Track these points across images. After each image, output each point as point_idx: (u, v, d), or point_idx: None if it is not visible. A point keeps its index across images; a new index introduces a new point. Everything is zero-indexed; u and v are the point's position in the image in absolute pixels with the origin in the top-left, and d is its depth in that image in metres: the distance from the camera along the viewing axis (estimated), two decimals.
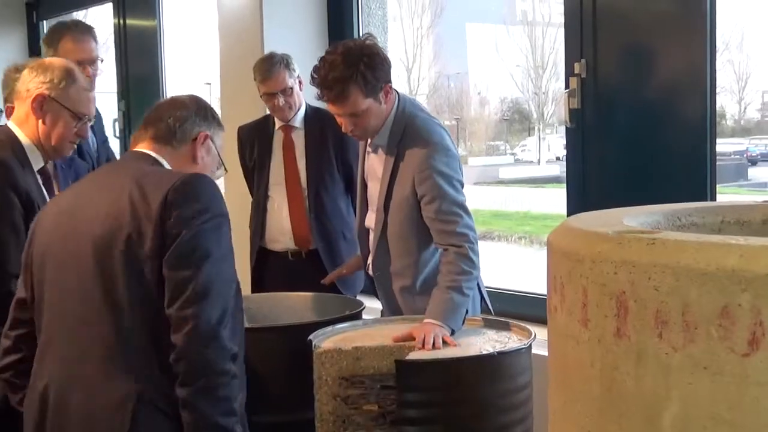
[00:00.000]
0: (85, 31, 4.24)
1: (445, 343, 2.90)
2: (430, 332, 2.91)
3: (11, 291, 2.54)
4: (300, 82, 4.20)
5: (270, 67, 4.15)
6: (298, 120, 4.25)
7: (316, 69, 3.17)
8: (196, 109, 2.52)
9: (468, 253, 3.08)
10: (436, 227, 3.15)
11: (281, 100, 4.14)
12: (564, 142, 4.29)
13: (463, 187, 3.21)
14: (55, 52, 4.03)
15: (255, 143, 4.36)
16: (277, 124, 4.28)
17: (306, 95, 4.20)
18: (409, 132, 3.22)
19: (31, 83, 2.86)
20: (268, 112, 4.52)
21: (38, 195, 2.84)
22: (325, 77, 3.10)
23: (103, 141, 4.38)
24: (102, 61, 4.39)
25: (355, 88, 3.08)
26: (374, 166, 3.40)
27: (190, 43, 7.24)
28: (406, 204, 3.22)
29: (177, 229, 2.19)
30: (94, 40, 4.24)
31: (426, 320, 2.99)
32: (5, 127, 2.91)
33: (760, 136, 9.95)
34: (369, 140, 3.35)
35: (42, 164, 2.93)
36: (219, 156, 2.60)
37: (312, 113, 4.28)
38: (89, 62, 4.02)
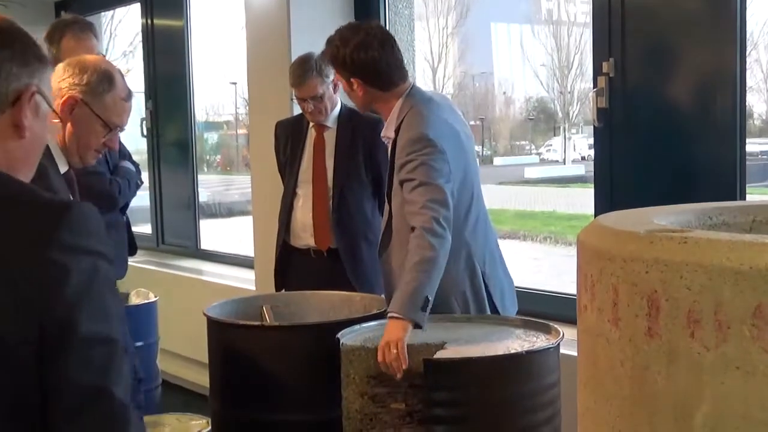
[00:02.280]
0: (86, 28, 4.23)
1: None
2: (388, 342, 2.83)
3: None
4: (335, 85, 4.21)
5: (302, 73, 4.15)
6: (332, 120, 4.27)
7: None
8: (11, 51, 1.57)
9: (424, 235, 2.99)
10: (406, 210, 3.13)
11: (311, 105, 4.17)
12: (589, 141, 4.29)
13: (444, 173, 3.12)
14: (57, 49, 4.02)
15: (289, 139, 4.39)
16: (311, 122, 4.31)
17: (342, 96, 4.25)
18: (404, 122, 3.26)
19: (64, 82, 2.64)
20: (294, 111, 4.55)
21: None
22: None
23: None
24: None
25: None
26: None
27: (215, 43, 7.26)
28: (399, 191, 3.23)
29: None
30: (95, 37, 4.24)
31: (389, 313, 2.95)
32: None
33: None
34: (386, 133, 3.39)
35: (66, 168, 2.74)
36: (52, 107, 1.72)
37: (346, 114, 4.30)
38: None
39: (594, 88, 3.80)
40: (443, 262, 3.02)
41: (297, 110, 4.81)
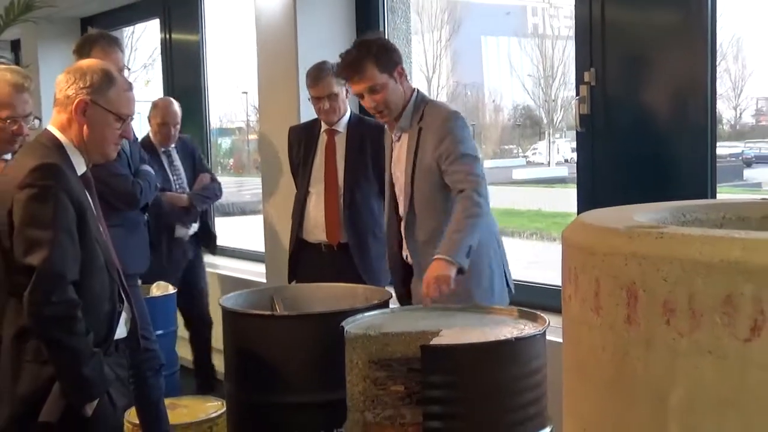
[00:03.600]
0: (112, 42, 4.23)
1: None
2: (433, 280, 3.03)
3: (73, 298, 2.46)
4: (347, 91, 4.24)
5: (319, 73, 4.23)
6: (342, 125, 4.30)
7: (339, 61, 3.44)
8: None
9: (473, 196, 3.17)
10: (450, 177, 3.25)
11: (326, 104, 4.21)
12: (571, 145, 4.30)
13: (477, 151, 3.34)
14: None
15: (302, 143, 4.42)
16: (323, 127, 4.32)
17: (351, 104, 4.29)
18: (428, 109, 3.39)
19: (70, 89, 2.64)
20: (307, 117, 4.57)
21: (85, 201, 2.65)
22: (344, 61, 3.38)
23: (135, 140, 4.41)
24: (129, 69, 4.44)
25: (370, 63, 3.31)
26: (400, 155, 3.47)
27: (228, 56, 7.26)
28: (430, 171, 3.33)
29: None
30: (120, 50, 4.25)
31: (436, 256, 3.09)
32: (48, 133, 2.68)
33: (755, 140, 9.94)
34: (394, 133, 3.47)
35: (84, 169, 2.71)
36: None
37: (355, 121, 4.34)
38: (117, 71, 4.06)
39: (577, 96, 3.81)
40: (484, 222, 3.22)
41: (303, 117, 4.82)
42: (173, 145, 5.38)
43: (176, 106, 5.38)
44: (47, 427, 2.47)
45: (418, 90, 3.47)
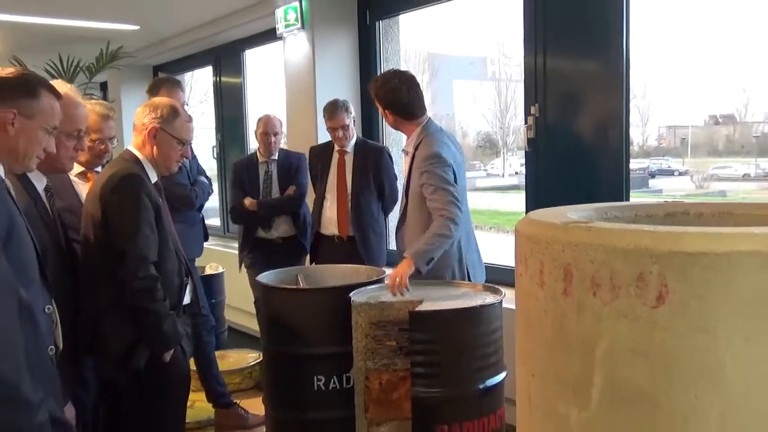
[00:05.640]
0: (175, 84, 4.21)
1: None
2: (397, 273, 2.96)
3: (154, 274, 2.48)
4: (354, 120, 4.25)
5: (335, 110, 4.20)
6: (350, 147, 4.28)
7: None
8: None
9: (446, 222, 3.03)
10: (430, 204, 3.12)
11: (340, 133, 4.20)
12: (520, 161, 4.29)
13: (452, 181, 3.12)
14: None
15: (319, 160, 4.39)
16: (336, 148, 4.31)
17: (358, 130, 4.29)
18: (423, 141, 3.24)
19: (146, 118, 2.67)
20: (323, 140, 4.55)
21: (159, 201, 2.65)
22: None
23: (194, 157, 4.36)
24: (188, 104, 4.36)
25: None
26: (405, 169, 3.40)
27: (264, 93, 7.26)
28: (416, 193, 3.21)
29: None
30: (182, 90, 4.23)
31: (405, 255, 3.03)
32: (128, 152, 2.71)
33: (656, 158, 10.03)
34: (406, 148, 3.36)
35: (156, 179, 2.72)
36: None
37: (360, 144, 4.32)
38: (180, 106, 4.02)
39: (525, 124, 3.80)
40: (450, 243, 3.08)
41: (321, 140, 4.82)
42: (274, 157, 4.63)
43: (277, 119, 4.68)
44: (137, 371, 2.49)
45: (429, 119, 3.33)
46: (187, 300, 2.74)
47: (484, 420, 2.64)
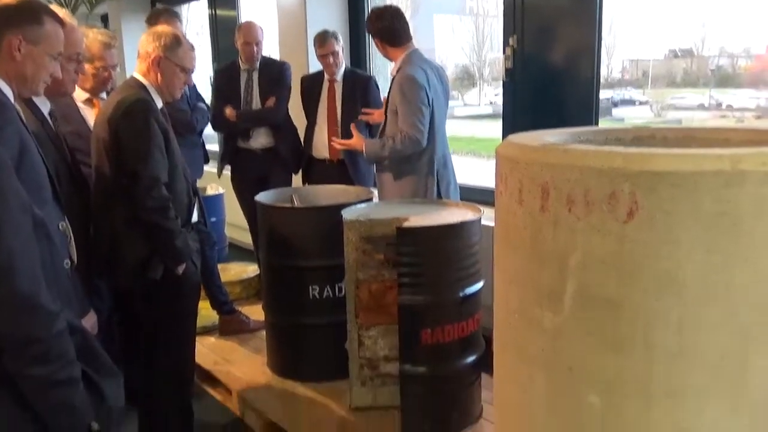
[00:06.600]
0: (173, 15, 4.09)
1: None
2: (347, 142, 3.54)
3: (165, 194, 2.47)
4: (342, 49, 4.16)
5: (325, 38, 4.10)
6: (339, 75, 4.19)
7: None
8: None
9: (405, 140, 3.26)
10: (400, 119, 3.27)
11: (330, 59, 4.10)
12: (497, 92, 4.25)
13: (421, 102, 3.24)
14: None
15: (311, 88, 4.29)
16: (326, 77, 4.22)
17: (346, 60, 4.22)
18: (401, 67, 3.34)
19: (150, 46, 2.59)
20: (314, 70, 4.45)
21: (166, 127, 2.59)
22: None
23: (194, 85, 4.22)
24: (184, 36, 4.20)
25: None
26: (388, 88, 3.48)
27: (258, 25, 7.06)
28: (393, 111, 3.31)
29: None
30: (179, 21, 4.09)
31: (365, 139, 3.46)
32: (133, 78, 2.60)
33: (619, 89, 10.02)
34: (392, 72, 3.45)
35: (161, 104, 2.65)
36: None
37: (349, 73, 4.23)
38: None
39: (504, 54, 3.73)
40: (398, 154, 3.32)
41: (312, 70, 4.70)
42: (256, 66, 4.33)
43: (258, 27, 4.32)
44: (153, 281, 2.51)
45: (416, 50, 3.41)
46: (195, 218, 2.73)
47: (463, 323, 2.69)
